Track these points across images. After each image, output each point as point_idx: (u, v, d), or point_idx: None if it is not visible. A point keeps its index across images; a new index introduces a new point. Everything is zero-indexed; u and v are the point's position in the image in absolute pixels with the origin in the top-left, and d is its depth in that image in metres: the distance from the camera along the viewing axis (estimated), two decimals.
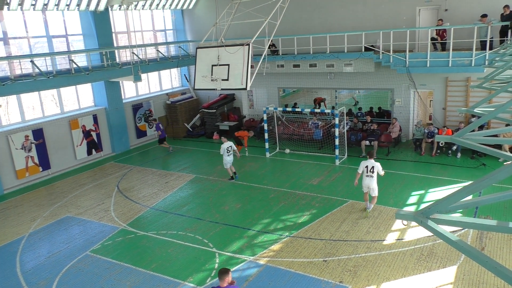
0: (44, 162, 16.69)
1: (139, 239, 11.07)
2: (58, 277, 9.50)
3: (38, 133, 16.41)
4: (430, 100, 18.20)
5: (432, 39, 15.94)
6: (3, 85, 13.60)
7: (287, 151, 17.35)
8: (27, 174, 16.12)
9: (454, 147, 15.60)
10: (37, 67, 14.77)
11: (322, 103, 21.48)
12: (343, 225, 10.95)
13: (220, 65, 11.41)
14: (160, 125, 19.02)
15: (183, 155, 18.70)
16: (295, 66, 18.76)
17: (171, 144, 19.69)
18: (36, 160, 16.43)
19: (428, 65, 15.54)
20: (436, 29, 15.90)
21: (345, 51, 17.29)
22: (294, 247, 10.05)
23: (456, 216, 3.41)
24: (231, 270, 9.24)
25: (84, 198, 14.22)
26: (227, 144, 14.47)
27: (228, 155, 14.44)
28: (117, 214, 12.70)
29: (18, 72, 15.75)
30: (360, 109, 20.06)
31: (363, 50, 17.00)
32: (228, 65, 11.32)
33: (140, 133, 21.09)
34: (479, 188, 2.71)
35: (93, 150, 18.66)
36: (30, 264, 10.21)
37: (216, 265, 9.51)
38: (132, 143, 20.50)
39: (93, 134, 18.61)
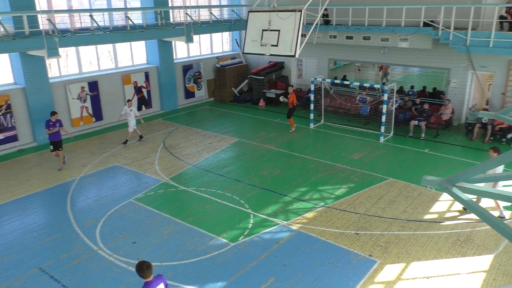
0: (97, 113, 17.57)
1: (179, 193, 11.58)
2: (103, 219, 10.20)
3: (93, 85, 17.21)
4: (489, 84, 17.21)
5: (501, 17, 14.91)
6: (64, 36, 14.27)
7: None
8: (81, 123, 17.07)
9: (510, 135, 14.80)
10: (95, 22, 15.33)
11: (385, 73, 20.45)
12: (379, 202, 10.88)
13: (270, 30, 11.36)
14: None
15: (228, 119, 18.99)
16: (348, 37, 18.25)
17: (217, 107, 19.97)
18: (90, 111, 17.32)
19: (491, 46, 14.60)
20: (507, 7, 14.82)
21: (402, 25, 16.56)
22: (327, 217, 10.15)
23: (481, 185, 3.31)
24: (263, 231, 9.54)
25: (131, 151, 14.93)
26: None
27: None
28: (161, 168, 13.28)
29: (77, 25, 16.46)
30: (412, 87, 19.34)
31: (421, 25, 16.23)
32: (279, 30, 11.23)
33: (189, 94, 21.57)
34: (506, 160, 2.64)
35: (143, 106, 19.36)
36: (79, 204, 11.01)
37: (250, 225, 9.82)
38: (180, 102, 21.03)
39: (144, 91, 19.26)
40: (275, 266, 8.35)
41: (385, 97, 14.97)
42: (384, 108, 15.12)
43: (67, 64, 17.45)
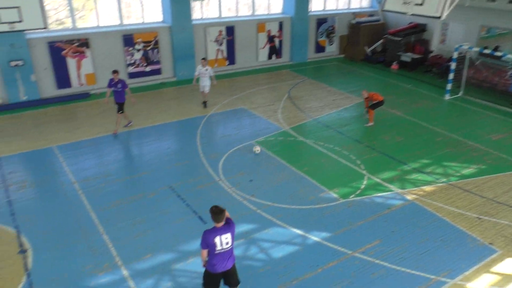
0: (231, 57, 18.49)
1: (297, 143, 11.89)
2: (226, 155, 11.04)
3: (230, 30, 18.02)
4: None
5: None
6: None
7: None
8: (216, 65, 18.17)
9: None
10: None
11: None
12: None
13: None
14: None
15: (356, 78, 18.45)
16: (511, 1, 15.91)
17: (346, 65, 19.46)
18: (225, 54, 18.29)
19: None
20: None
21: None
22: (448, 195, 9.54)
23: None
24: (375, 195, 9.40)
25: (258, 96, 15.57)
26: None
27: None
28: (283, 117, 13.67)
29: None
30: None
31: None
32: None
33: (319, 48, 21.32)
34: None
35: (274, 55, 19.77)
36: (206, 139, 12.03)
37: (363, 186, 9.74)
38: (310, 56, 20.96)
39: (276, 40, 19.57)
40: (382, 230, 8.25)
41: None
42: None
43: (208, 9, 18.45)
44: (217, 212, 5.37)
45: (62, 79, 14.92)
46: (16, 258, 7.15)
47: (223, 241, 5.42)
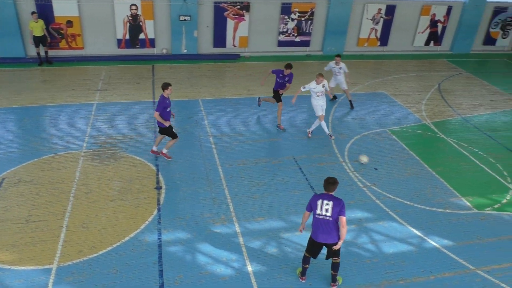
0: (384, 38, 17.57)
1: (436, 140, 10.94)
2: (355, 137, 10.76)
3: (390, 9, 17.02)
4: None
5: None
6: None
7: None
8: (366, 44, 17.50)
9: None
10: None
11: None
12: None
13: None
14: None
15: None
16: None
17: None
18: (378, 34, 17.44)
19: None
20: None
21: None
22: None
23: None
24: None
25: (403, 83, 14.62)
26: None
27: None
28: (427, 109, 12.65)
29: None
30: None
31: None
32: None
33: (489, 40, 18.88)
34: None
35: (432, 41, 18.17)
36: (339, 117, 11.86)
37: (505, 201, 8.59)
38: (475, 47, 18.74)
39: (439, 26, 17.88)
40: None
41: None
42: None
43: None
44: (329, 181, 5.73)
45: (219, 38, 16.06)
46: (152, 192, 8.20)
47: (323, 206, 5.71)
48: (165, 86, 8.58)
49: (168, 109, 8.70)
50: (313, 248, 6.05)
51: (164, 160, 9.20)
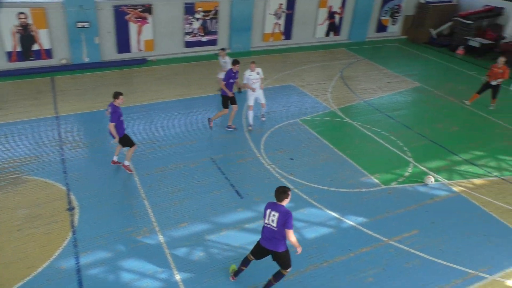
0: (287, 32, 18.20)
1: (343, 125, 11.64)
2: (269, 131, 11.05)
3: (291, 3, 17.64)
4: None
5: None
6: None
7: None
8: (271, 39, 17.99)
9: None
10: None
11: None
12: None
13: None
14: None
15: (416, 61, 17.57)
16: None
17: (407, 47, 18.48)
18: (282, 29, 18.02)
19: None
20: None
21: None
22: (500, 190, 9.01)
23: None
24: (419, 184, 9.04)
25: (309, 74, 15.30)
26: None
27: None
28: (332, 96, 13.38)
29: None
30: None
31: None
32: None
33: (381, 27, 20.42)
34: None
35: (331, 32, 19.21)
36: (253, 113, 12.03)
37: (407, 174, 9.42)
38: (369, 35, 20.16)
39: (336, 17, 18.95)
40: (422, 220, 7.99)
41: None
42: None
43: None
44: (279, 191, 5.68)
45: (123, 43, 15.45)
46: (64, 215, 7.70)
47: (270, 216, 5.67)
48: (116, 95, 8.20)
49: (121, 118, 8.32)
50: (257, 249, 6.03)
51: (74, 178, 8.68)
